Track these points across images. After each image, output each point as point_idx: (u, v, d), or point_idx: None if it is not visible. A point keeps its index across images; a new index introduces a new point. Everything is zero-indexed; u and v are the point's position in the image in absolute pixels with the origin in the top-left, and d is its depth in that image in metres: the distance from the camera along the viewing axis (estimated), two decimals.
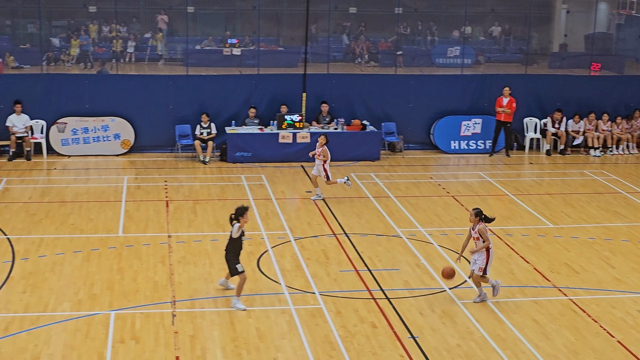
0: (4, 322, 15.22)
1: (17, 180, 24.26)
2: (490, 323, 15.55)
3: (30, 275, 17.38)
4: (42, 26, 33.26)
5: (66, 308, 15.88)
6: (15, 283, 16.95)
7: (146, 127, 27.52)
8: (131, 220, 20.93)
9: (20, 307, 15.88)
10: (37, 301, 16.15)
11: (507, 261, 18.70)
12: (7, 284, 16.89)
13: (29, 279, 17.19)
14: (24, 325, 15.12)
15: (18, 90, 27.00)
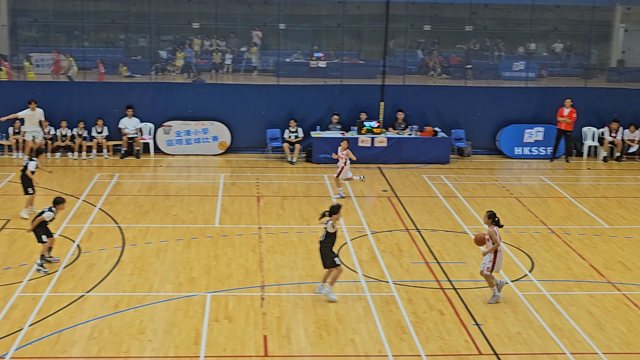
0: (115, 300, 15.51)
1: (127, 175, 24.69)
2: (548, 313, 15.30)
3: (138, 259, 17.67)
4: (152, 40, 33.78)
5: (168, 289, 16.10)
6: (125, 266, 17.25)
7: (241, 130, 27.76)
8: (226, 213, 21.12)
9: (128, 287, 16.15)
10: (143, 282, 16.40)
11: (565, 257, 18.38)
12: (118, 267, 17.20)
13: (136, 262, 17.47)
14: (132, 303, 15.38)
15: (130, 96, 27.46)
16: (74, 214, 20.60)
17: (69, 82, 29.39)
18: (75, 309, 15.06)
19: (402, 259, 18.06)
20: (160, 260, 17.66)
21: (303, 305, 15.45)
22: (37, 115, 25.48)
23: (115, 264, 17.35)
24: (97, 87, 28.08)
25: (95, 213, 20.79)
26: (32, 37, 37.02)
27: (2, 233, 19.05)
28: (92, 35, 36.66)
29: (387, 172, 25.77)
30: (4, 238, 18.75)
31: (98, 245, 18.43)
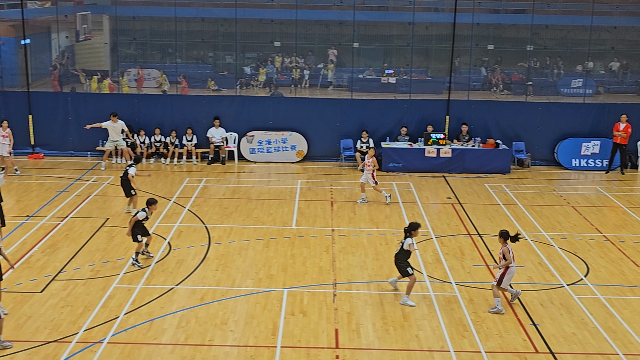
0: (201, 293, 15.71)
1: (214, 180, 24.98)
2: (602, 316, 14.97)
3: (222, 256, 17.86)
4: (237, 57, 34.15)
5: (249, 284, 16.23)
6: (210, 262, 17.46)
7: (317, 140, 27.86)
8: (302, 216, 21.20)
9: (213, 281, 16.34)
10: (226, 278, 16.58)
11: (619, 264, 17.95)
12: (204, 263, 17.42)
13: (220, 259, 17.67)
14: (216, 296, 15.56)
15: (217, 108, 27.80)
16: (165, 214, 20.94)
17: (162, 95, 29.91)
18: (166, 300, 15.30)
19: (464, 261, 17.88)
20: (242, 257, 17.82)
21: (372, 302, 15.42)
22: (119, 126, 26.01)
23: (202, 260, 17.57)
24: (188, 99, 28.49)
25: (185, 214, 21.09)
26: (130, 54, 37.81)
27: (102, 230, 19.47)
28: (184, 53, 37.25)
29: (451, 181, 25.55)
30: (103, 235, 19.16)
31: (187, 243, 18.69)
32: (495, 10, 36.43)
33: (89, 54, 38.12)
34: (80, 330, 13.96)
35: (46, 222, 20.09)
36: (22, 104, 27.60)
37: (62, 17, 33.90)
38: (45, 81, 34.35)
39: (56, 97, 28.45)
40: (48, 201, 21.96)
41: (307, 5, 35.64)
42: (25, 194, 22.62)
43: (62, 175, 25.04)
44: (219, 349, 13.43)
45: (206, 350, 13.37)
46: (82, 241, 18.62)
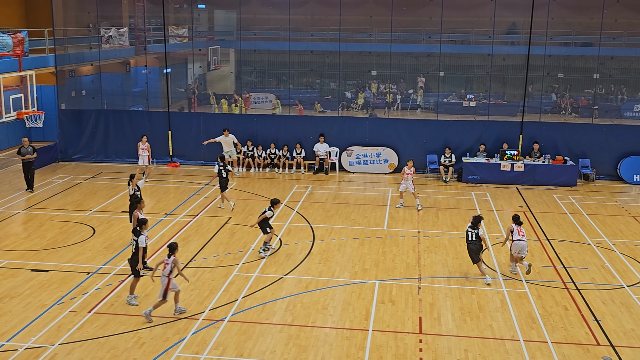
0: (306, 282, 15.82)
1: (318, 187, 25.14)
2: None
3: (324, 251, 17.95)
4: (340, 84, 34.33)
5: (346, 276, 16.26)
6: (314, 257, 17.57)
7: (406, 155, 27.59)
8: (393, 219, 21.08)
9: (316, 272, 16.44)
10: (327, 270, 16.65)
11: None
12: (309, 257, 17.54)
13: (323, 254, 17.75)
14: (318, 285, 15.64)
15: (322, 126, 27.96)
16: (277, 215, 21.20)
17: (277, 115, 30.34)
18: (276, 287, 15.48)
19: (533, 262, 17.38)
20: (340, 253, 17.86)
21: (451, 295, 15.18)
22: (230, 139, 26.47)
23: (307, 254, 17.70)
24: (298, 119, 28.80)
25: (293, 215, 21.29)
26: (251, 81, 38.56)
27: (225, 227, 19.85)
28: (296, 80, 37.71)
29: (523, 192, 24.90)
30: (226, 231, 19.55)
31: (295, 240, 18.86)
32: (565, 44, 35.37)
33: (217, 80, 39.13)
34: (206, 309, 14.29)
35: (180, 219, 20.67)
36: (164, 121, 28.51)
37: (197, 50, 34.94)
38: (182, 103, 35.44)
39: (190, 117, 29.26)
40: (182, 202, 22.60)
41: (400, 40, 35.51)
42: (164, 195, 23.35)
43: (194, 180, 25.71)
44: (320, 330, 13.49)
45: (309, 330, 13.45)
46: (209, 236, 19.07)
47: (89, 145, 28.85)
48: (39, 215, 20.87)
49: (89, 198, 22.96)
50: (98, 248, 17.93)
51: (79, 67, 31.49)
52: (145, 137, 25.72)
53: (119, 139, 28.55)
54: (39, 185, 24.48)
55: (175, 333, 13.26)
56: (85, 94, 32.01)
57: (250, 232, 19.39)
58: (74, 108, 29.64)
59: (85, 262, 16.93)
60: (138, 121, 28.65)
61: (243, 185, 25.03)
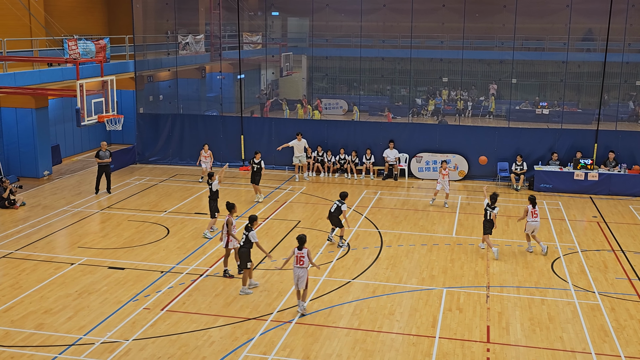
0: (373, 287, 15.77)
1: (387, 193, 25.02)
2: None
3: (391, 257, 17.86)
4: (410, 90, 34.15)
5: (413, 282, 16.13)
6: (381, 262, 17.50)
7: (476, 162, 27.23)
8: (462, 227, 20.80)
9: (383, 278, 16.37)
10: (394, 275, 16.56)
11: None
12: (377, 262, 17.49)
13: (390, 259, 17.67)
14: (385, 290, 15.57)
15: (392, 133, 27.84)
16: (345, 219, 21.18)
17: (347, 121, 30.36)
18: (343, 291, 15.49)
19: (607, 274, 16.84)
20: (408, 259, 17.74)
21: (520, 305, 14.86)
22: (302, 144, 26.63)
23: (375, 259, 17.65)
24: (368, 125, 28.74)
25: (362, 220, 21.27)
26: (322, 87, 38.77)
27: (295, 230, 19.94)
28: (366, 86, 37.74)
29: (597, 202, 24.16)
30: (295, 234, 19.64)
31: (362, 244, 18.84)
32: None
33: (289, 86, 39.54)
34: (274, 311, 14.42)
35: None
36: (236, 126, 28.95)
37: (270, 57, 35.38)
38: (254, 108, 35.94)
39: (262, 122, 29.63)
40: (252, 205, 22.88)
41: (472, 47, 35.07)
42: (235, 198, 23.68)
43: (265, 184, 25.99)
44: (386, 335, 13.42)
45: (375, 335, 13.40)
46: (278, 238, 19.23)
47: (164, 148, 29.58)
48: (116, 215, 21.51)
49: (164, 199, 23.52)
50: (172, 248, 18.34)
51: (157, 73, 32.36)
52: (207, 146, 26.11)
53: (194, 143, 29.15)
54: (117, 186, 25.24)
55: (244, 333, 13.42)
56: (162, 99, 32.85)
57: (319, 235, 19.47)
58: (151, 112, 30.45)
59: (159, 261, 17.35)
60: (212, 125, 29.20)
61: (312, 190, 25.16)
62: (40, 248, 18.31)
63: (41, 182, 25.81)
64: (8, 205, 22.07)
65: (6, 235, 19.44)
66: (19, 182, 25.06)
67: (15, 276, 16.25)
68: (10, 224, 20.56)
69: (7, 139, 25.97)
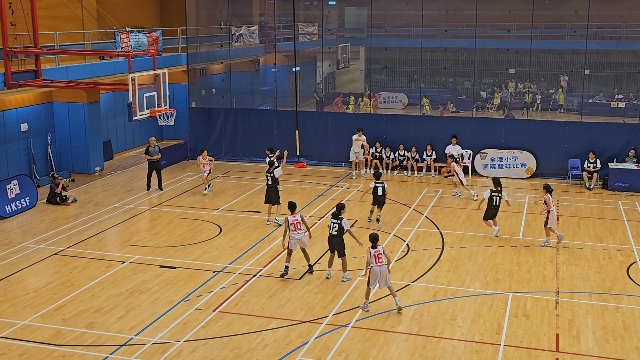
0: (433, 290, 15.67)
1: (449, 191, 24.79)
2: None
3: (454, 259, 17.71)
4: (475, 83, 33.74)
5: (477, 286, 15.96)
6: (443, 264, 17.37)
7: (545, 159, 26.75)
8: (529, 228, 20.47)
9: (445, 281, 16.25)
10: (457, 279, 16.41)
11: None
12: (438, 264, 17.37)
13: (452, 262, 17.52)
14: (447, 294, 15.45)
15: (455, 127, 27.56)
16: (405, 219, 21.13)
17: (407, 115, 30.18)
18: (402, 294, 15.43)
19: None
20: (471, 261, 17.56)
21: (593, 312, 14.54)
22: (361, 140, 26.58)
23: (436, 261, 17.53)
24: (429, 119, 28.54)
25: (422, 220, 21.14)
26: (381, 79, 38.67)
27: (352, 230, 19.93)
28: (428, 79, 37.44)
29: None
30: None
31: (423, 246, 18.73)
32: None
33: (346, 79, 39.55)
34: (329, 314, 14.47)
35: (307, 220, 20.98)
36: (291, 121, 29.12)
37: (326, 49, 35.44)
38: (310, 102, 36.10)
39: (318, 116, 29.73)
40: (308, 203, 22.99)
41: (541, 36, 34.43)
42: (290, 196, 23.84)
43: (320, 182, 26.09)
44: (447, 341, 13.32)
45: (436, 341, 13.31)
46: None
47: (217, 143, 29.98)
48: (167, 213, 21.92)
49: (216, 196, 23.85)
50: (224, 247, 18.59)
51: (210, 66, 32.81)
52: (205, 152, 24.05)
53: (247, 138, 29.46)
54: (169, 183, 25.70)
55: (299, 336, 13.51)
56: (215, 93, 33.29)
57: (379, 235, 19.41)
58: (203, 106, 30.91)
59: (211, 261, 17.61)
60: (266, 120, 29.45)
61: None
62: (92, 246, 18.80)
63: (92, 178, 26.50)
64: (60, 202, 22.73)
65: (58, 232, 20.03)
66: (71, 177, 25.81)
67: (66, 274, 16.74)
68: (62, 220, 21.17)
69: (59, 134, 26.75)
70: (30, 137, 25.34)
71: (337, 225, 15.99)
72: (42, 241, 19.22)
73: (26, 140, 25.20)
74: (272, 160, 20.28)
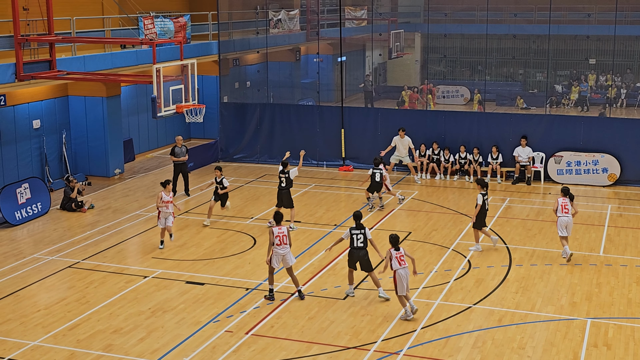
0: (499, 314, 15.55)
1: (517, 200, 24.57)
2: None
3: (523, 279, 17.54)
4: (549, 75, 33.41)
5: (550, 310, 15.78)
6: (510, 284, 17.22)
7: (632, 163, 26.32)
8: (611, 243, 20.17)
9: (512, 304, 16.10)
10: (526, 301, 16.25)
11: None
12: (504, 284, 17.22)
13: (521, 282, 17.36)
14: (514, 319, 15.32)
15: (524, 127, 27.31)
16: (466, 232, 21.00)
17: (469, 112, 30.03)
18: (462, 318, 15.35)
19: None
20: (544, 282, 17.37)
21: None
22: (405, 142, 26.50)
23: (502, 281, 17.39)
24: (495, 117, 28.32)
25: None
26: (440, 71, 38.54)
27: (404, 244, 19.90)
28: (493, 70, 37.22)
29: None
30: (405, 248, 19.58)
31: (487, 263, 18.60)
32: None
33: (399, 71, 39.53)
34: (378, 339, 14.45)
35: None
36: (336, 118, 29.18)
37: (377, 36, 35.49)
38: (357, 97, 36.16)
39: (367, 113, 29.75)
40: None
41: (627, 20, 33.94)
42: (334, 204, 23.87)
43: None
44: None
45: None
46: (384, 253, 19.21)
47: (252, 143, 30.20)
48: (195, 222, 22.14)
49: (250, 204, 24.01)
50: (258, 261, 18.70)
51: (244, 55, 33.10)
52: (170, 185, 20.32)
53: (286, 138, 29.60)
54: (196, 187, 25.97)
55: None
56: (250, 86, 33.58)
57: (434, 250, 19.37)
58: (237, 101, 31.18)
59: (244, 277, 17.73)
60: (307, 117, 29.57)
61: (426, 195, 25.03)
62: (110, 258, 19.10)
63: (112, 182, 26.92)
64: (75, 208, 23.15)
65: (72, 242, 20.40)
66: (88, 180, 26.24)
67: (82, 289, 17.03)
68: (77, 229, 21.56)
69: (75, 132, 27.25)
70: (43, 135, 25.86)
71: (362, 236, 16.40)
72: (55, 252, 19.59)
73: (38, 139, 25.74)
74: (285, 161, 20.89)
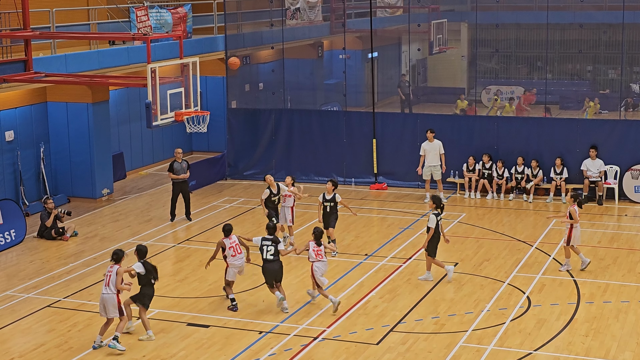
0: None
1: (587, 223, 24.34)
2: None
3: (594, 319, 17.40)
4: (623, 72, 33.22)
5: (627, 357, 15.63)
6: (579, 326, 17.08)
7: None
8: None
9: (581, 350, 15.97)
10: (598, 346, 16.11)
11: None
12: (571, 325, 17.09)
13: (592, 323, 17.21)
14: None
15: (594, 135, 27.15)
16: (525, 262, 20.89)
17: (530, 118, 29.82)
18: None
19: None
20: (619, 323, 17.23)
21: None
22: (436, 147, 26.34)
23: (568, 322, 17.26)
24: (559, 123, 28.12)
25: (549, 263, 20.87)
26: (491, 68, 38.42)
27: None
28: (556, 67, 37.08)
29: None
30: (450, 283, 19.53)
31: (550, 300, 18.48)
32: None
33: (442, 68, 39.48)
34: None
35: (386, 262, 20.98)
36: (367, 126, 29.14)
37: (415, 27, 35.40)
38: (392, 100, 36.10)
39: (404, 119, 29.73)
40: (390, 239, 22.94)
41: None
42: (365, 229, 23.83)
43: (407, 209, 26.00)
44: None
45: None
46: (427, 288, 19.17)
47: (266, 157, 30.22)
48: (198, 252, 22.18)
49: (263, 229, 23.96)
50: (274, 298, 18.68)
51: (256, 52, 33.19)
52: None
53: (307, 150, 29.60)
54: (200, 211, 26.01)
55: None
56: (263, 88, 33.62)
57: (485, 284, 19.27)
58: (247, 107, 31.27)
59: (256, 317, 17.72)
60: (332, 125, 29.57)
61: (476, 218, 24.94)
62: (97, 295, 19.11)
63: (99, 205, 27.04)
64: (55, 236, 23.25)
65: (52, 276, 20.48)
66: (68, 206, 26.28)
67: (63, 333, 17.08)
68: (57, 261, 21.66)
69: (54, 145, 27.36)
70: (18, 149, 26.00)
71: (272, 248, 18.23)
72: (31, 288, 19.68)
73: (12, 153, 25.86)
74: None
